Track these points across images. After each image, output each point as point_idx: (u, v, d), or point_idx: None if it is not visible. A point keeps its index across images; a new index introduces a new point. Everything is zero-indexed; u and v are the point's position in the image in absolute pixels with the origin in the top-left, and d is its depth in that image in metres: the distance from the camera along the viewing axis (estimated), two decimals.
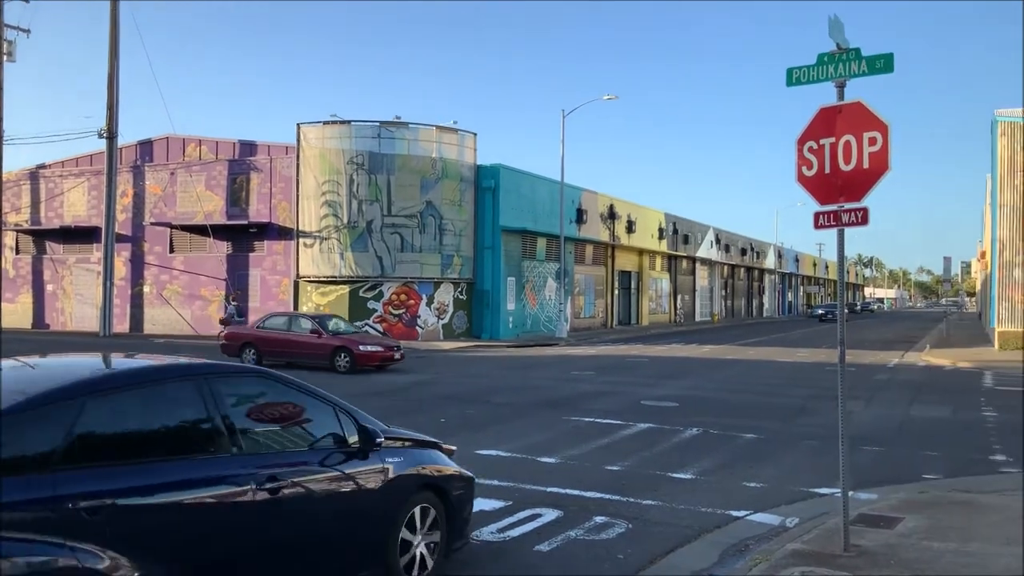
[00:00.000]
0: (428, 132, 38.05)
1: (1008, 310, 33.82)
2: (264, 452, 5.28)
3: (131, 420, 4.71)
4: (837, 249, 7.47)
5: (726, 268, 75.95)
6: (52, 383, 4.57)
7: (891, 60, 6.95)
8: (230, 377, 5.51)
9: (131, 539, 4.26)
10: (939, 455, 12.02)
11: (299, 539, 5.24)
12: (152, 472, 4.55)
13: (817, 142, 7.24)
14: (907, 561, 6.56)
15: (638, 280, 57.11)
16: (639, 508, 8.74)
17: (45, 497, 4.01)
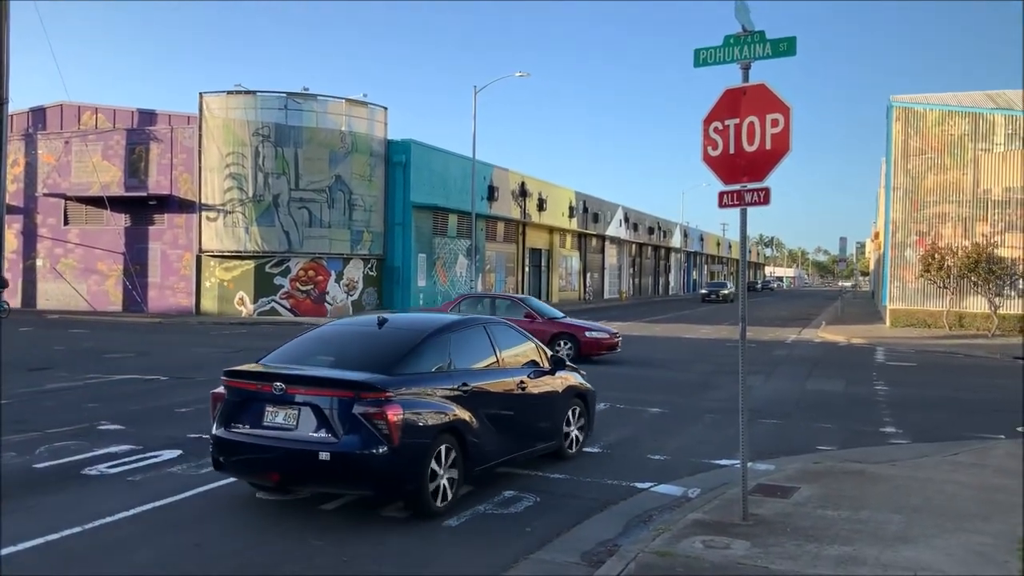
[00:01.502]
0: (337, 105, 37.36)
1: (899, 289, 35.43)
2: (513, 367, 9.17)
3: (465, 345, 8.58)
4: (740, 228, 7.66)
5: (634, 247, 77.22)
6: (436, 323, 8.71)
7: (794, 43, 7.13)
8: (495, 325, 9.52)
9: (475, 404, 8.07)
10: (833, 427, 12.54)
11: (531, 413, 9.23)
12: (473, 374, 8.39)
13: (722, 123, 7.38)
14: (802, 529, 6.83)
15: (548, 258, 57.54)
16: (547, 482, 8.85)
17: (451, 384, 7.93)
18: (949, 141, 34.10)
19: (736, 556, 6.11)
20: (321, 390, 7.26)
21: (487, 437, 8.21)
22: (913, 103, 35.69)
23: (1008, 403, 15.27)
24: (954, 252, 32.39)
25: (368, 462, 6.97)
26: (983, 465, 9.57)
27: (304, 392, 7.27)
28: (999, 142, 33.03)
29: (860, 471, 9.10)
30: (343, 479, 7.18)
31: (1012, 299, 32.12)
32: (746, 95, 7.27)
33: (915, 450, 10.61)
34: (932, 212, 34.48)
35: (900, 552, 6.24)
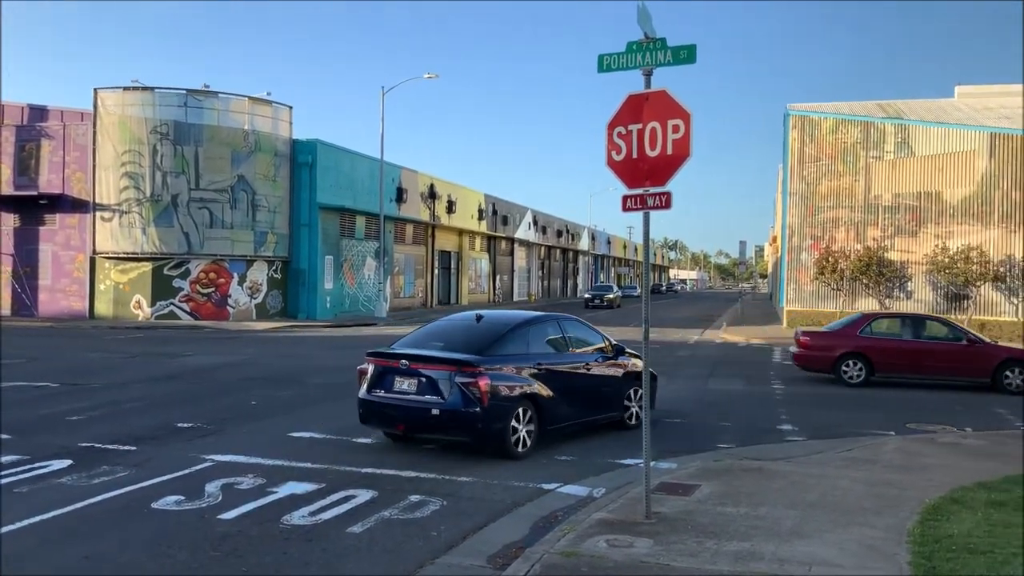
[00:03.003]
0: (240, 103, 36.48)
1: (796, 291, 36.69)
2: (580, 353, 11.56)
3: (540, 335, 11.12)
4: (643, 231, 7.78)
5: (543, 249, 77.85)
6: (519, 318, 11.30)
7: (694, 51, 7.29)
8: (567, 320, 11.98)
9: (547, 380, 10.51)
10: (733, 426, 12.88)
11: (595, 390, 11.62)
12: (547, 356, 10.82)
13: (626, 128, 7.49)
14: (702, 526, 6.98)
15: (458, 260, 57.48)
16: (455, 485, 8.81)
17: (529, 363, 10.40)
18: (842, 149, 35.50)
19: (639, 554, 6.20)
20: (433, 366, 10.08)
21: (557, 404, 10.73)
22: (809, 111, 37.03)
23: (897, 400, 15.97)
24: (847, 255, 33.74)
25: (465, 417, 9.78)
26: (874, 461, 9.97)
27: (421, 367, 10.12)
28: (889, 150, 34.56)
29: (758, 468, 9.36)
30: (448, 429, 10.12)
31: (901, 300, 33.64)
32: (648, 101, 7.39)
33: (810, 447, 10.98)
34: (826, 217, 35.83)
35: (796, 547, 6.44)
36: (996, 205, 31.70)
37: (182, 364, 19.78)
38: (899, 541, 6.59)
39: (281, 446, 10.58)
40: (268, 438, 11.10)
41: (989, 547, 6.30)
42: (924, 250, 32.92)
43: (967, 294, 31.73)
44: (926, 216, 33.45)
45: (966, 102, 39.38)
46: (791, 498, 7.99)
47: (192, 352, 22.51)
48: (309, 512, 7.66)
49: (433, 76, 39.98)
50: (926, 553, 6.20)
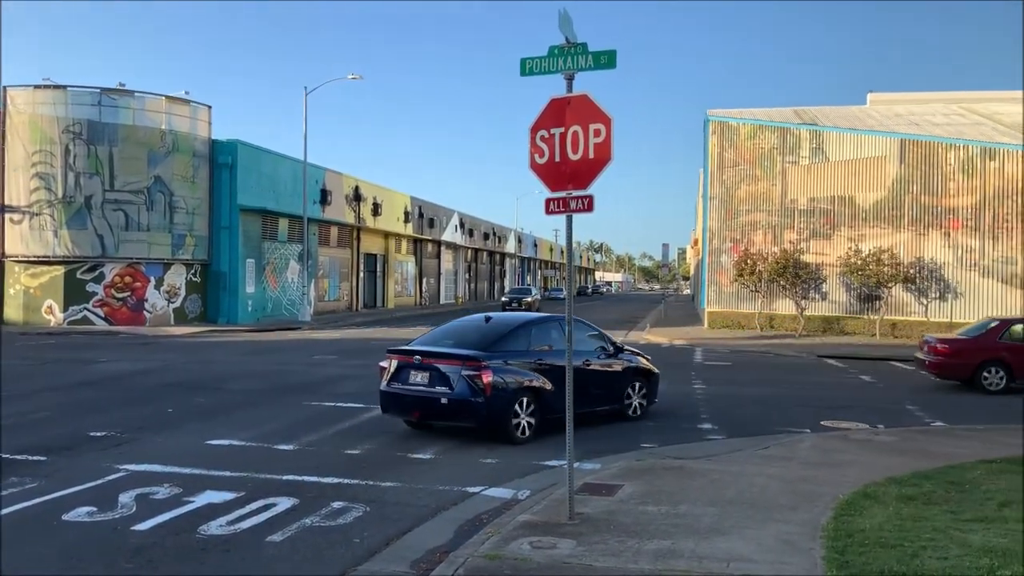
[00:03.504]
0: (156, 102, 35.54)
1: (716, 292, 37.46)
2: (584, 351, 12.66)
3: (542, 334, 12.24)
4: (566, 234, 7.84)
5: (470, 252, 77.83)
6: (523, 319, 12.64)
7: (614, 56, 7.37)
8: (577, 322, 12.04)
9: (547, 374, 11.63)
10: (655, 425, 13.07)
11: (596, 384, 12.77)
12: (548, 353, 11.93)
13: (548, 131, 7.54)
14: (624, 525, 7.06)
15: (384, 263, 57.02)
16: (378, 491, 8.72)
17: (530, 359, 11.73)
18: (760, 154, 36.40)
19: (562, 555, 6.23)
20: (443, 360, 11.39)
21: (557, 396, 11.06)
22: (728, 117, 37.87)
23: (814, 399, 16.43)
24: (765, 258, 34.58)
25: (470, 405, 11.05)
26: (791, 458, 10.24)
27: (433, 362, 11.44)
28: (804, 155, 35.57)
29: (679, 467, 9.52)
30: (456, 416, 11.37)
31: (816, 301, 34.64)
32: (570, 105, 7.45)
33: (729, 445, 11.21)
34: (745, 220, 36.67)
35: (715, 544, 6.56)
36: (906, 209, 32.91)
37: (96, 371, 19.14)
38: (814, 536, 6.77)
39: (199, 454, 10.33)
40: (185, 446, 10.83)
41: (899, 540, 6.52)
42: (838, 252, 33.95)
43: (879, 295, 32.84)
44: (840, 219, 34.52)
45: (878, 109, 40.82)
46: (711, 496, 8.14)
47: (106, 358, 21.81)
48: (227, 521, 7.49)
49: (357, 77, 39.62)
50: (839, 547, 6.38)
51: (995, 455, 10.19)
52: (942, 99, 42.00)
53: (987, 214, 30.92)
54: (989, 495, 8.10)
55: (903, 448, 10.96)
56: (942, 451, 10.65)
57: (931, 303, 31.99)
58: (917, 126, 35.07)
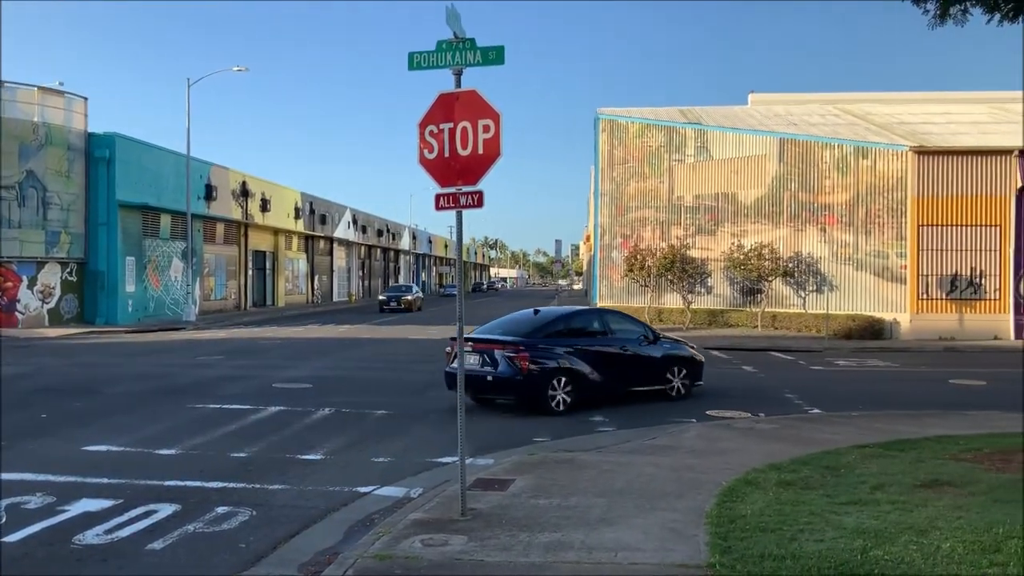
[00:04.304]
0: (28, 93, 33.72)
1: (608, 287, 38.15)
2: (620, 338, 14.89)
3: (582, 324, 14.86)
4: (456, 230, 7.83)
5: (363, 249, 76.87)
6: (565, 312, 15.32)
7: (502, 52, 7.39)
8: (609, 313, 16.24)
9: (583, 358, 13.93)
10: (548, 419, 13.17)
11: (633, 367, 14.74)
12: (587, 340, 14.43)
13: (437, 126, 7.49)
14: (516, 519, 7.10)
15: (274, 260, 55.71)
16: (266, 494, 8.51)
17: (568, 345, 13.91)
18: (648, 152, 37.26)
19: (453, 552, 6.21)
20: (490, 345, 13.65)
21: (593, 377, 14.06)
22: (617, 116, 38.61)
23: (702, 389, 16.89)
24: (653, 253, 35.45)
25: (511, 382, 13.41)
26: (677, 447, 10.50)
27: (483, 347, 13.64)
28: (690, 153, 36.60)
29: (570, 459, 9.64)
30: (499, 391, 13.80)
31: (703, 295, 35.72)
32: (459, 100, 7.43)
33: (619, 436, 11.42)
34: (634, 217, 37.47)
35: (603, 534, 6.67)
36: (785, 205, 34.26)
37: None
38: (698, 523, 6.96)
39: (74, 461, 9.85)
40: (60, 453, 10.31)
41: (778, 525, 6.77)
42: (722, 248, 35.08)
43: (760, 288, 34.09)
44: (723, 216, 35.68)
45: (758, 109, 42.33)
46: (601, 487, 8.27)
47: None
48: (104, 530, 7.16)
49: (242, 69, 38.54)
50: (722, 533, 6.57)
51: (868, 440, 10.70)
52: (819, 100, 43.91)
53: (860, 210, 32.50)
54: (862, 479, 8.49)
55: (783, 435, 11.40)
56: (819, 437, 11.12)
57: (809, 295, 33.41)
58: (795, 126, 36.55)
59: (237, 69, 38.50)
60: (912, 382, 18.93)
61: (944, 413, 13.54)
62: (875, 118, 37.56)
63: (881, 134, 33.99)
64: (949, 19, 9.11)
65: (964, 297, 30.91)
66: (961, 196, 30.79)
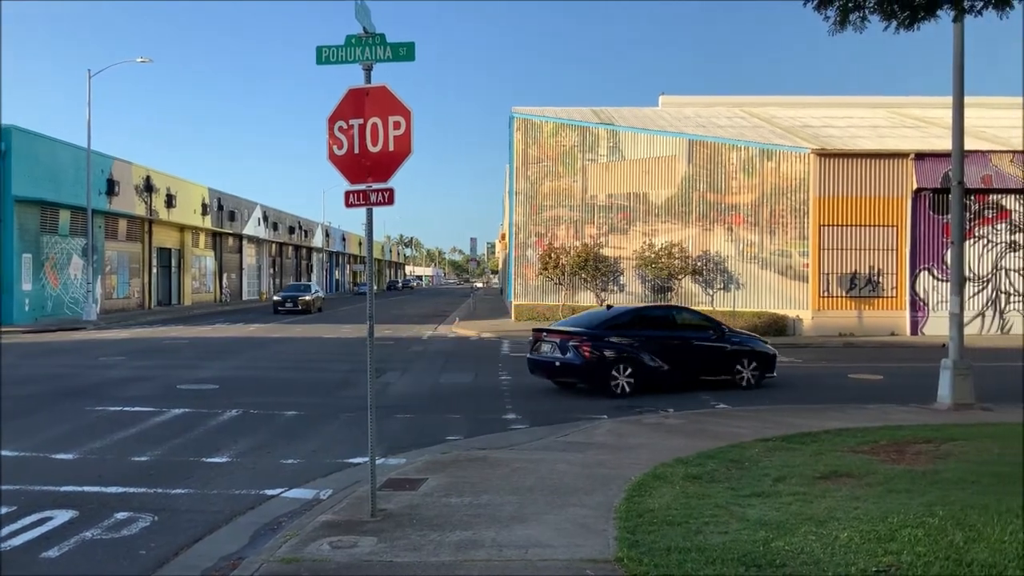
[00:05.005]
0: None
1: (523, 286, 38.33)
2: (686, 332, 16.67)
3: (651, 318, 16.83)
4: (366, 228, 7.73)
5: (274, 246, 75.34)
6: (635, 308, 18.01)
7: (412, 49, 7.33)
8: (676, 309, 18.38)
9: (647, 349, 15.79)
10: (462, 417, 13.18)
11: (699, 358, 16.42)
12: (653, 333, 16.17)
13: (347, 122, 7.38)
14: (427, 519, 7.06)
15: (180, 258, 54.10)
16: (168, 498, 8.25)
17: (633, 337, 15.86)
18: (562, 151, 37.57)
19: (362, 553, 6.14)
20: (559, 336, 15.74)
21: (656, 366, 15.82)
22: (531, 115, 38.80)
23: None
24: (567, 252, 35.78)
25: (575, 367, 15.42)
26: (588, 444, 10.62)
27: (552, 337, 15.88)
28: (603, 153, 37.06)
29: (483, 458, 9.64)
30: (566, 374, 15.79)
31: (615, 293, 36.21)
32: (369, 96, 7.34)
33: (532, 434, 11.49)
34: (549, 215, 37.74)
35: (515, 531, 6.68)
36: (694, 205, 35.03)
37: None
38: (608, 518, 7.05)
39: None
40: None
41: (685, 518, 6.91)
42: (634, 246, 35.65)
43: (670, 286, 34.77)
44: (635, 215, 36.26)
45: (669, 111, 43.15)
46: (512, 484, 8.30)
47: None
48: None
49: (146, 60, 37.35)
50: (630, 528, 6.67)
51: (771, 434, 11.02)
52: (726, 103, 45.05)
53: (765, 210, 33.47)
54: (766, 471, 8.74)
55: (690, 430, 11.65)
56: (725, 431, 11.40)
57: (716, 293, 34.25)
58: (704, 128, 37.39)
59: (141, 60, 37.27)
60: (814, 377, 19.59)
61: (843, 407, 14.05)
62: (779, 121, 38.74)
63: (785, 137, 35.07)
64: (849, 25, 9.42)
65: (863, 295, 32.16)
66: (860, 197, 32.03)
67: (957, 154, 14.64)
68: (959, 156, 14.64)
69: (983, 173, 31.19)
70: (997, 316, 32.16)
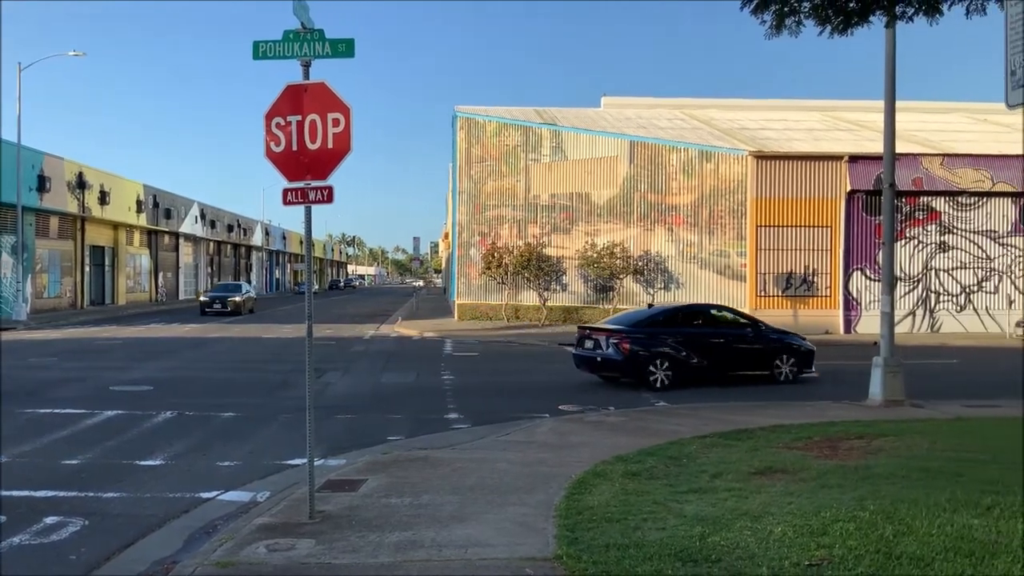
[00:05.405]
0: None
1: (466, 285, 38.28)
2: (724, 329, 17.76)
3: (690, 316, 17.98)
4: (305, 226, 7.63)
5: (212, 245, 73.94)
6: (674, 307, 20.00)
7: (352, 45, 7.26)
8: (714, 308, 19.61)
9: (685, 345, 16.69)
10: (403, 417, 13.10)
11: (736, 354, 17.27)
12: (692, 330, 17.23)
13: (285, 119, 7.28)
14: (366, 520, 7.00)
15: (114, 256, 52.76)
16: (100, 502, 8.05)
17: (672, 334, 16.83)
18: (506, 151, 37.62)
19: (300, 556, 6.06)
20: (601, 333, 16.78)
21: (694, 361, 16.66)
22: (474, 114, 38.78)
23: (554, 384, 17.24)
24: (511, 251, 35.83)
25: (615, 362, 16.40)
26: (530, 442, 10.65)
27: (595, 334, 16.89)
28: (546, 153, 37.20)
29: (424, 457, 9.60)
30: (606, 369, 16.80)
31: (558, 292, 36.39)
32: (308, 92, 7.25)
33: (474, 433, 11.48)
34: (492, 215, 37.77)
35: (455, 531, 6.67)
36: (636, 206, 35.38)
37: None
38: (548, 516, 7.08)
39: None
40: None
41: (624, 515, 6.97)
42: (576, 246, 35.86)
43: (612, 286, 35.06)
44: (578, 215, 36.48)
45: (611, 112, 43.51)
46: (453, 484, 8.28)
47: None
48: None
49: (79, 54, 36.35)
50: (570, 525, 6.70)
51: (709, 431, 11.19)
52: (667, 105, 45.59)
53: (704, 211, 33.96)
54: (703, 468, 8.87)
55: (630, 428, 11.76)
56: (664, 429, 11.54)
57: (657, 293, 34.63)
58: (645, 129, 37.78)
59: (73, 54, 36.29)
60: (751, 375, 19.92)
61: (780, 404, 14.33)
62: (718, 123, 39.34)
63: (724, 139, 35.63)
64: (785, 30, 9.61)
65: (799, 294, 32.84)
66: (796, 198, 32.69)
67: (888, 157, 15.04)
68: (890, 159, 15.05)
69: (914, 176, 32.12)
70: (927, 315, 33.12)
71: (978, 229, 33.15)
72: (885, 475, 8.26)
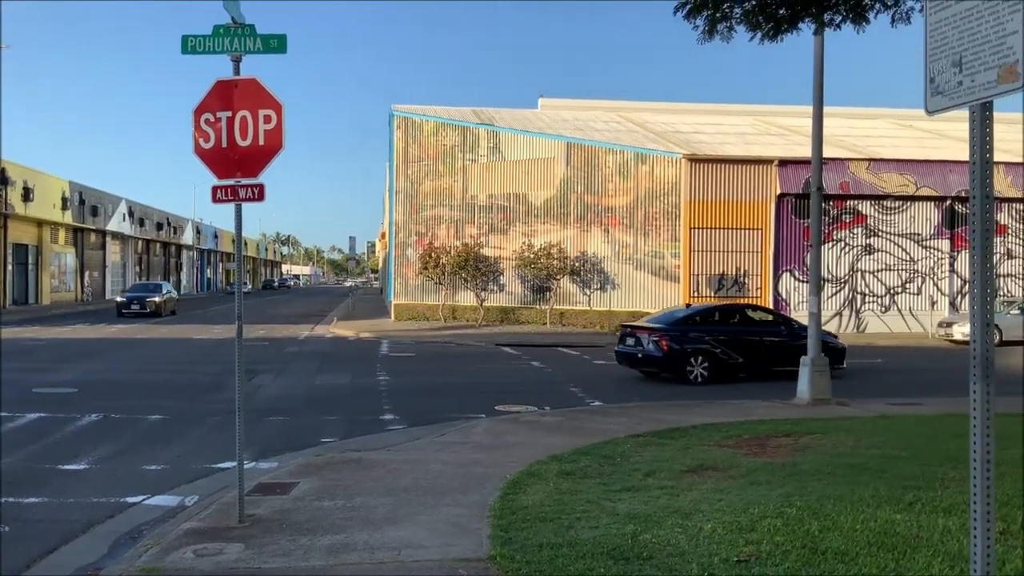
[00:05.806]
0: None
1: (402, 285, 38.07)
2: (759, 327, 19.29)
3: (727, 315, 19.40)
4: (235, 224, 7.49)
5: (141, 243, 72.12)
6: (711, 306, 21.50)
7: (284, 41, 7.15)
8: (749, 307, 21.54)
9: (723, 342, 17.94)
10: (338, 419, 12.96)
11: (768, 352, 18.35)
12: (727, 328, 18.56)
13: (214, 115, 7.14)
14: (298, 523, 6.89)
15: (37, 255, 51.07)
16: (20, 508, 7.79)
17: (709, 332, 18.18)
18: (443, 151, 37.52)
19: (228, 561, 5.94)
20: (641, 331, 17.93)
21: (729, 358, 17.66)
22: (412, 113, 38.60)
23: (491, 385, 17.25)
24: (448, 251, 35.75)
25: (655, 358, 17.59)
26: (465, 443, 10.63)
27: (636, 332, 18.07)
28: (483, 154, 37.21)
29: (358, 459, 9.50)
30: (646, 364, 17.93)
31: (495, 293, 36.43)
32: (238, 88, 7.12)
33: (410, 434, 11.40)
34: (429, 215, 37.63)
35: (387, 533, 6.62)
36: (572, 207, 35.63)
37: None
38: (482, 517, 7.07)
39: None
40: None
41: (557, 514, 7.00)
42: (514, 247, 35.94)
43: (549, 286, 35.23)
44: (515, 216, 36.58)
45: (548, 113, 43.75)
46: (387, 486, 8.21)
47: None
48: None
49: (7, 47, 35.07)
50: (504, 525, 6.71)
51: (643, 430, 11.31)
52: (603, 107, 46.02)
53: (639, 212, 34.37)
54: (636, 466, 8.96)
55: (566, 427, 11.83)
56: (599, 428, 11.63)
57: (593, 293, 34.94)
58: (581, 131, 38.08)
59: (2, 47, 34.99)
60: None
61: (710, 403, 14.57)
62: (653, 126, 39.86)
63: (658, 141, 36.11)
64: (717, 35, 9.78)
65: (730, 295, 33.45)
66: (728, 201, 33.31)
67: (816, 161, 15.43)
68: (818, 163, 15.43)
69: (841, 180, 33.00)
70: (853, 316, 34.07)
71: (902, 232, 34.23)
72: (812, 472, 8.46)
